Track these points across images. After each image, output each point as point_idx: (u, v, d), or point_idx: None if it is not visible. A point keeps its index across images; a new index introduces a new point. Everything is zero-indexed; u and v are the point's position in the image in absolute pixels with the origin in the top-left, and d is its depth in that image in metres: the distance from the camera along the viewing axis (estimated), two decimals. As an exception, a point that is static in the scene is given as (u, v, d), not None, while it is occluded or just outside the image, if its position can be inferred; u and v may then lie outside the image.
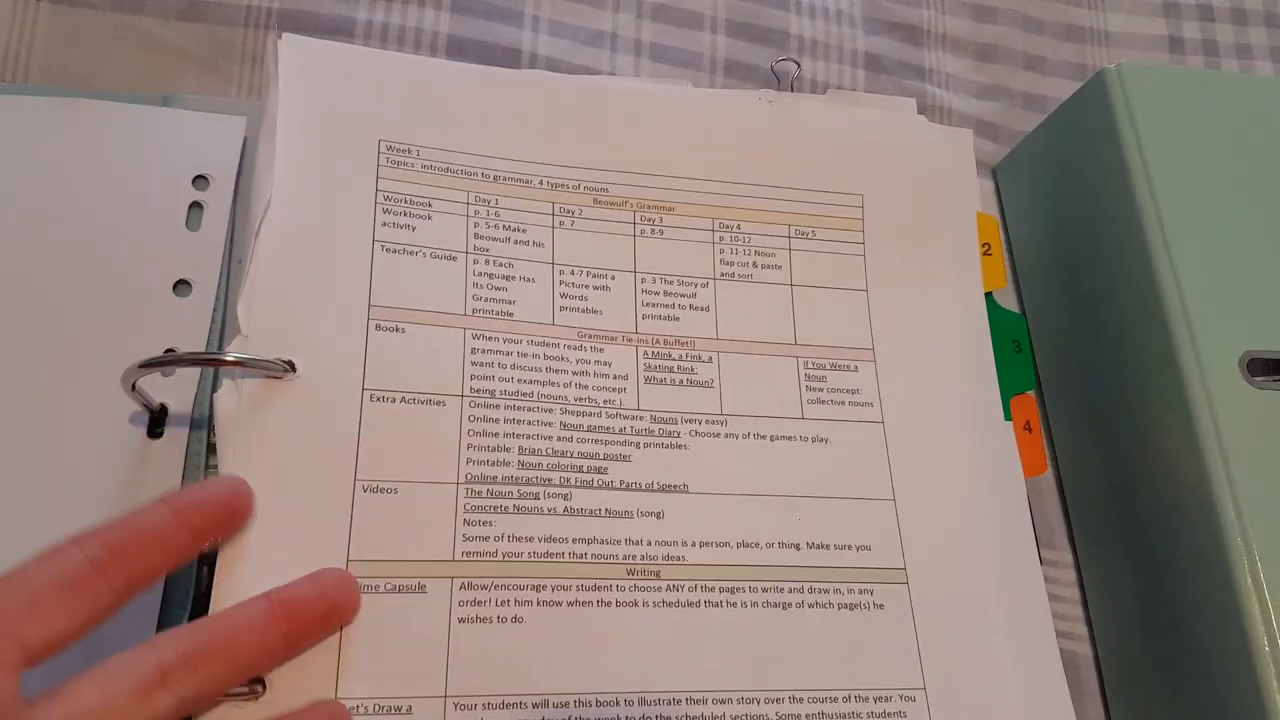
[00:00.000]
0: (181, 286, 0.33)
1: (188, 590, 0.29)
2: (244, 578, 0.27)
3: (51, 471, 0.30)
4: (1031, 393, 0.37)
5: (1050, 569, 0.37)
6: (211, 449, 0.30)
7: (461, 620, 0.28)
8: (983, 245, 0.38)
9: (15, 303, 0.31)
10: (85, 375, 0.31)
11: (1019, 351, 0.37)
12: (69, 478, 0.30)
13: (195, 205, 0.34)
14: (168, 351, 0.31)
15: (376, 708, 0.26)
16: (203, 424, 0.31)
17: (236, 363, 0.28)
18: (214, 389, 0.30)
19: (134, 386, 0.29)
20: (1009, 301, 0.41)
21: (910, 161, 0.37)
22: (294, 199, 0.31)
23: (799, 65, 0.42)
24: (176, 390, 0.31)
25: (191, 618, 0.29)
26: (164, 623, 0.28)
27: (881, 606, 0.31)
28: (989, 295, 0.37)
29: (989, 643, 0.32)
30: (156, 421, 0.31)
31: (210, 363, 0.29)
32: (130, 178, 0.34)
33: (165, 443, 0.31)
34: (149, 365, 0.28)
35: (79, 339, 0.31)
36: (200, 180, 0.34)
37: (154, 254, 0.33)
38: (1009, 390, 0.36)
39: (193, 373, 0.31)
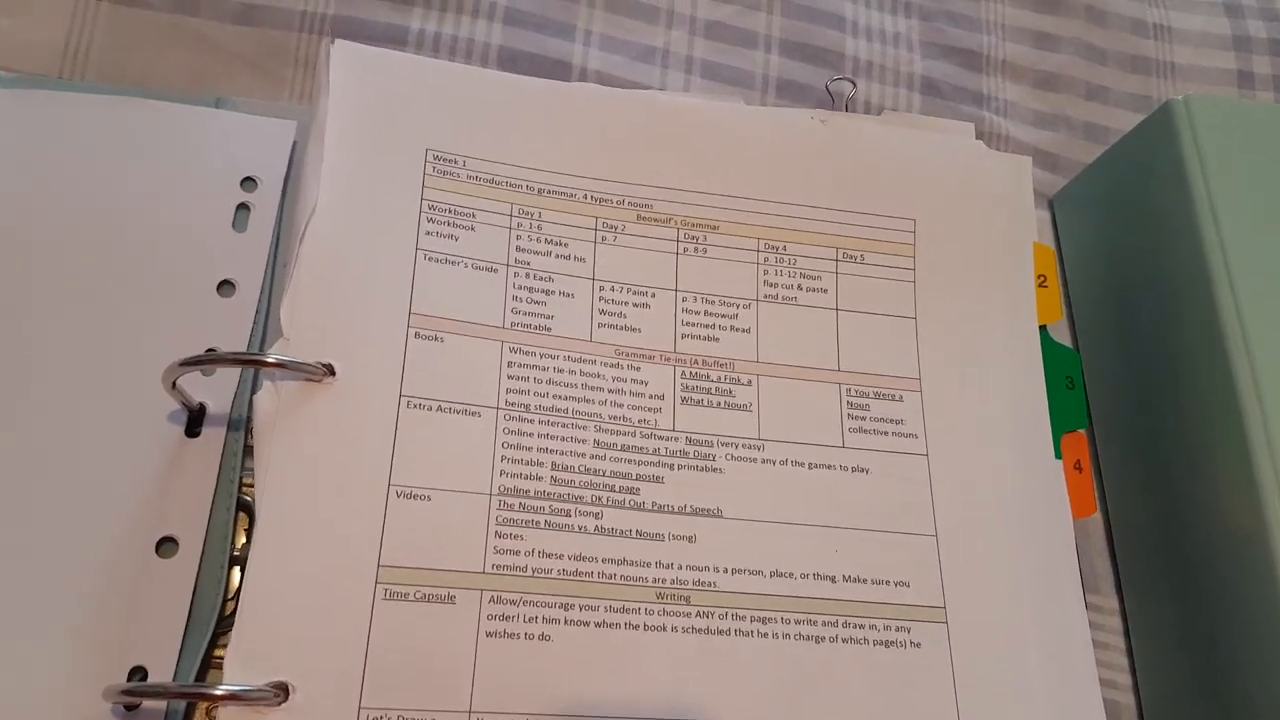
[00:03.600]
0: (225, 287, 0.33)
1: (218, 593, 0.29)
2: (275, 579, 0.27)
3: (89, 464, 0.30)
4: (1083, 431, 0.36)
5: (1095, 614, 0.36)
6: (248, 451, 0.30)
7: (489, 634, 0.27)
8: (1038, 277, 0.36)
9: (62, 296, 0.31)
10: (127, 370, 0.31)
11: (1072, 388, 0.36)
12: (106, 471, 0.30)
13: (242, 207, 0.34)
14: (209, 351, 0.31)
15: (400, 719, 0.26)
16: (240, 425, 0.31)
17: (277, 364, 0.28)
18: (253, 390, 0.30)
19: (174, 385, 0.29)
20: (1063, 336, 0.40)
21: (966, 187, 0.36)
22: (340, 205, 0.31)
23: (855, 85, 0.41)
24: (216, 390, 0.31)
25: (220, 619, 0.29)
26: (192, 623, 0.28)
27: (918, 645, 0.30)
28: (1043, 329, 0.36)
29: (1029, 688, 0.30)
30: (195, 420, 0.31)
31: (250, 363, 0.29)
32: (180, 177, 0.34)
33: (202, 442, 0.31)
34: (189, 364, 0.28)
35: (122, 334, 0.31)
36: (248, 182, 0.34)
37: (200, 253, 0.33)
38: (1060, 428, 0.35)
39: (232, 373, 0.31)
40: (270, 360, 0.28)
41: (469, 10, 0.40)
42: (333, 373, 0.29)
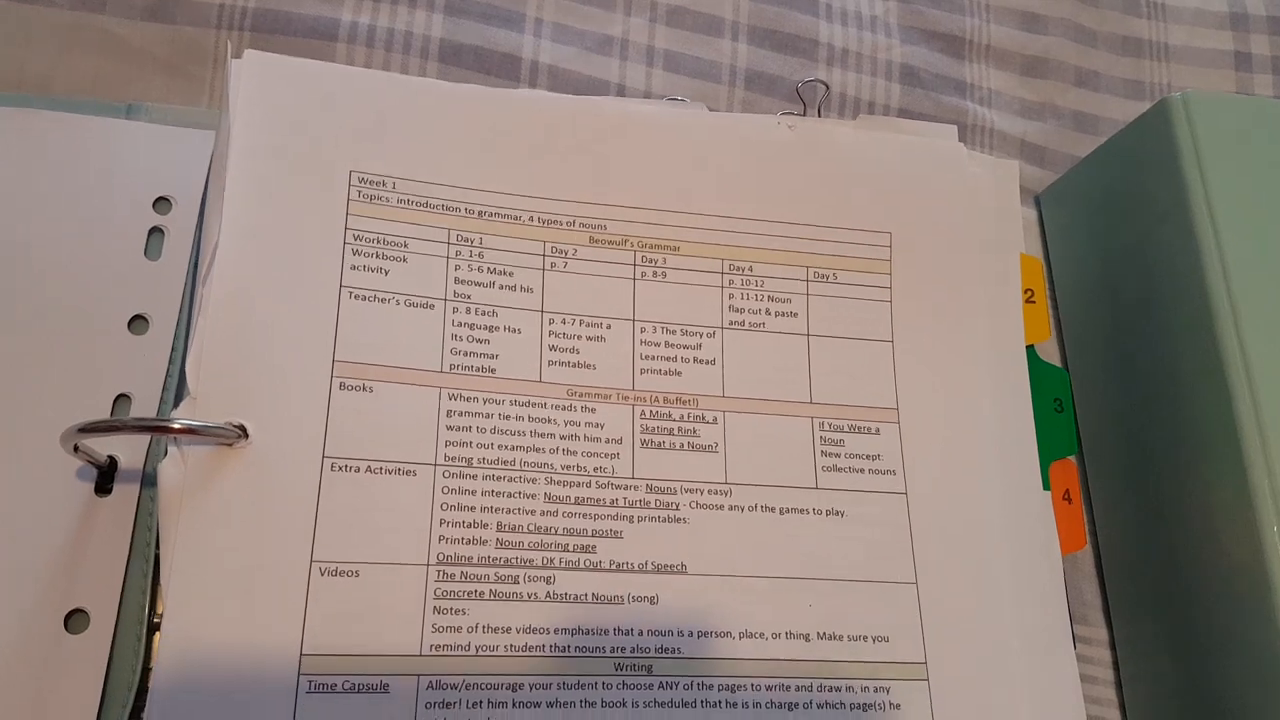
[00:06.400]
0: (138, 322, 0.30)
1: (134, 667, 0.26)
2: (188, 664, 0.24)
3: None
4: (1072, 458, 0.34)
5: (1083, 646, 0.34)
6: (169, 506, 0.28)
7: None
8: (1025, 292, 0.34)
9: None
10: (27, 421, 0.28)
11: (1060, 411, 0.34)
12: (5, 537, 0.27)
13: (156, 230, 0.31)
14: (120, 397, 0.29)
15: None
16: (155, 480, 0.28)
17: (183, 429, 0.25)
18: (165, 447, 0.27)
19: (76, 447, 0.26)
20: (1051, 353, 0.37)
21: (947, 196, 0.34)
22: (251, 240, 0.27)
23: (828, 87, 0.38)
24: (127, 442, 0.28)
25: (140, 693, 0.26)
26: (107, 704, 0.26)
27: (898, 706, 0.28)
28: (1030, 349, 0.34)
29: None
30: (105, 477, 0.28)
31: (154, 430, 0.26)
32: (85, 198, 0.31)
33: (114, 501, 0.28)
34: (89, 430, 0.25)
35: (22, 378, 0.28)
36: (162, 203, 0.31)
37: (109, 285, 0.30)
38: (1048, 455, 0.33)
39: (143, 423, 0.29)
40: (176, 426, 0.25)
41: None
42: (246, 434, 0.26)
